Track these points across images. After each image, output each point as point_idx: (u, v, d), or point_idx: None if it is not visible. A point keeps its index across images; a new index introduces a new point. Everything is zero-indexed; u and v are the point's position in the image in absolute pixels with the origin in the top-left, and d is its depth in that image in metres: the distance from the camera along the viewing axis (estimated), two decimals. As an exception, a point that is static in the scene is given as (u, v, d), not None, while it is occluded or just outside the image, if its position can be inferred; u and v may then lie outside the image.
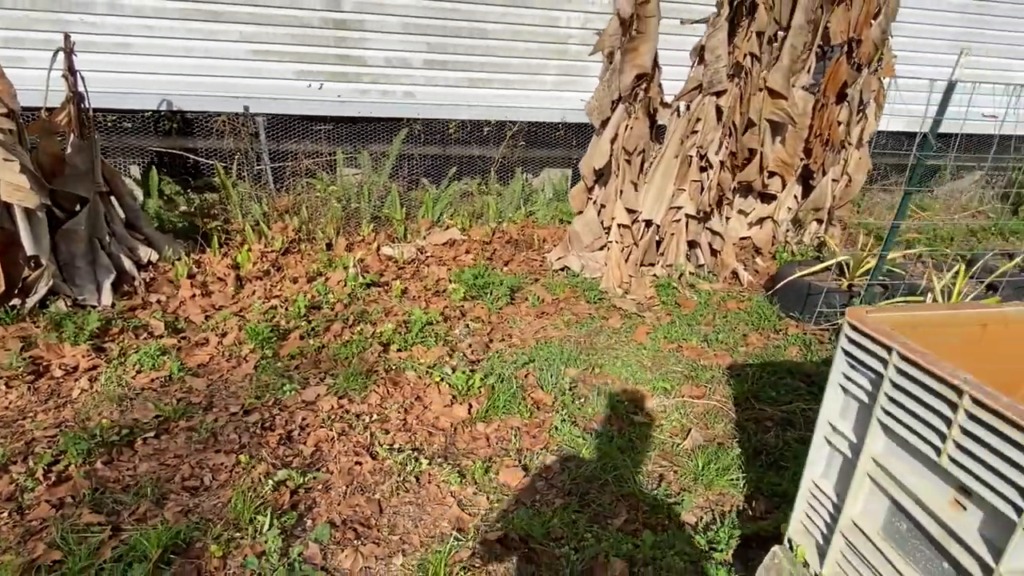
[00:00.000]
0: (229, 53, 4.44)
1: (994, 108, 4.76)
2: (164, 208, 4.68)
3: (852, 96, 4.80)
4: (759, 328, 3.87)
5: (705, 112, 4.26)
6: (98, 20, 4.15)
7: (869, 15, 4.54)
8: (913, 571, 1.37)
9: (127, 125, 4.54)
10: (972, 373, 1.33)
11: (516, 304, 4.00)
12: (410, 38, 4.79)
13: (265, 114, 4.70)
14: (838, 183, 5.06)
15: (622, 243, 4.43)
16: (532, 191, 5.74)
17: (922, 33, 5.90)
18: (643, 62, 4.09)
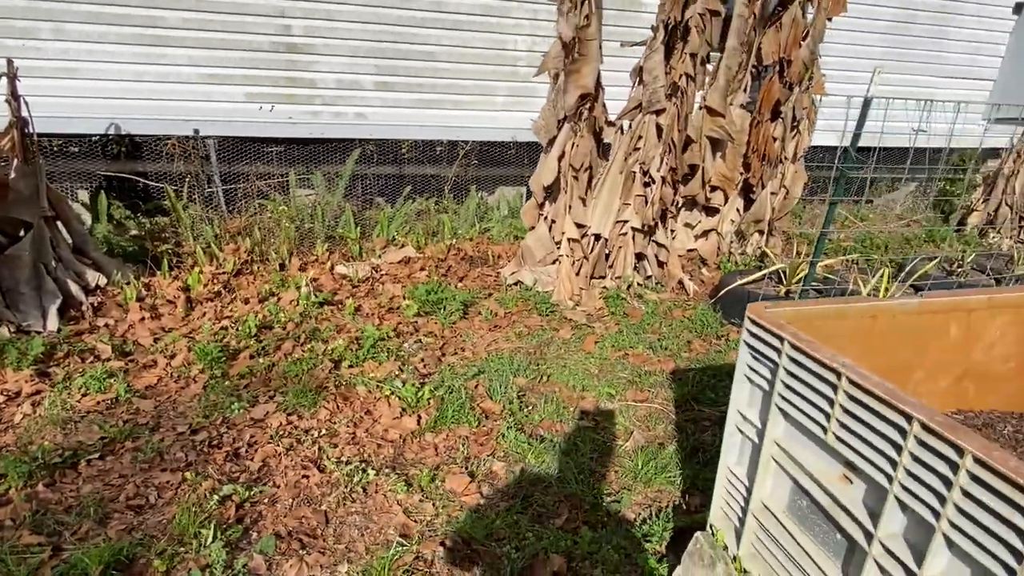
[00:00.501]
0: (178, 77, 4.47)
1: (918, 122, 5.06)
2: (113, 232, 4.65)
3: (786, 113, 5.06)
4: (702, 335, 4.02)
5: (646, 130, 4.44)
6: (42, 45, 4.15)
7: (798, 37, 4.81)
8: (813, 544, 1.48)
9: (74, 149, 4.51)
10: (864, 362, 1.47)
11: (469, 318, 4.08)
12: (361, 61, 4.88)
13: (216, 136, 4.72)
14: (777, 196, 5.31)
15: (572, 257, 4.56)
16: (488, 208, 5.85)
17: (848, 53, 6.25)
18: (586, 83, 4.26)
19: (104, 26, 4.21)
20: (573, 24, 4.15)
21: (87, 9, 4.15)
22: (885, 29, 6.37)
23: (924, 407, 1.18)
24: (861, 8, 5.94)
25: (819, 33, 4.90)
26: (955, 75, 6.99)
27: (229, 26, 4.45)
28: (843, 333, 1.66)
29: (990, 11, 6.78)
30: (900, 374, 1.81)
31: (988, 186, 6.63)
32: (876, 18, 6.26)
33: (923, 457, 1.17)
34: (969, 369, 1.89)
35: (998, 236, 6.48)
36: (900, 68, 6.56)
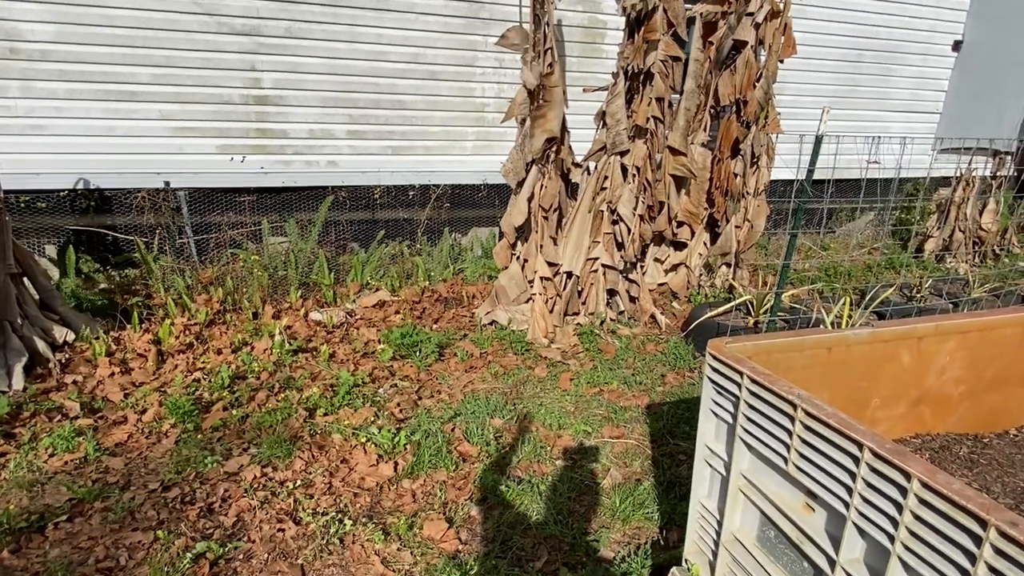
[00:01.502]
0: (149, 131, 4.51)
1: (868, 156, 5.32)
2: (82, 286, 4.60)
3: (745, 150, 5.26)
4: (675, 368, 4.08)
5: (612, 170, 4.58)
6: (11, 104, 4.17)
7: (752, 79, 5.05)
8: (782, 574, 1.51)
9: (42, 205, 4.49)
10: (824, 393, 1.53)
11: (445, 360, 4.09)
12: (331, 111, 4.98)
13: (187, 188, 4.74)
14: (741, 229, 5.47)
15: (546, 295, 4.63)
16: (461, 250, 5.93)
17: (801, 92, 6.55)
18: (552, 127, 4.40)
19: (73, 83, 4.25)
20: (537, 72, 4.30)
21: (56, 68, 4.19)
22: (834, 68, 6.70)
23: (874, 434, 1.24)
24: (811, 49, 6.26)
25: (772, 74, 5.15)
26: (902, 109, 7.34)
27: (199, 80, 4.53)
28: (801, 365, 1.73)
29: (932, 49, 7.19)
30: (858, 403, 1.89)
31: (941, 213, 6.91)
32: (825, 58, 6.59)
33: (875, 483, 1.23)
34: (924, 394, 1.96)
35: (954, 261, 6.73)
36: (850, 104, 6.88)
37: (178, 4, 4.33)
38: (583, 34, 5.61)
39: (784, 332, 1.78)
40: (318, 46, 4.77)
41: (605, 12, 5.61)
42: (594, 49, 5.69)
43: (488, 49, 5.26)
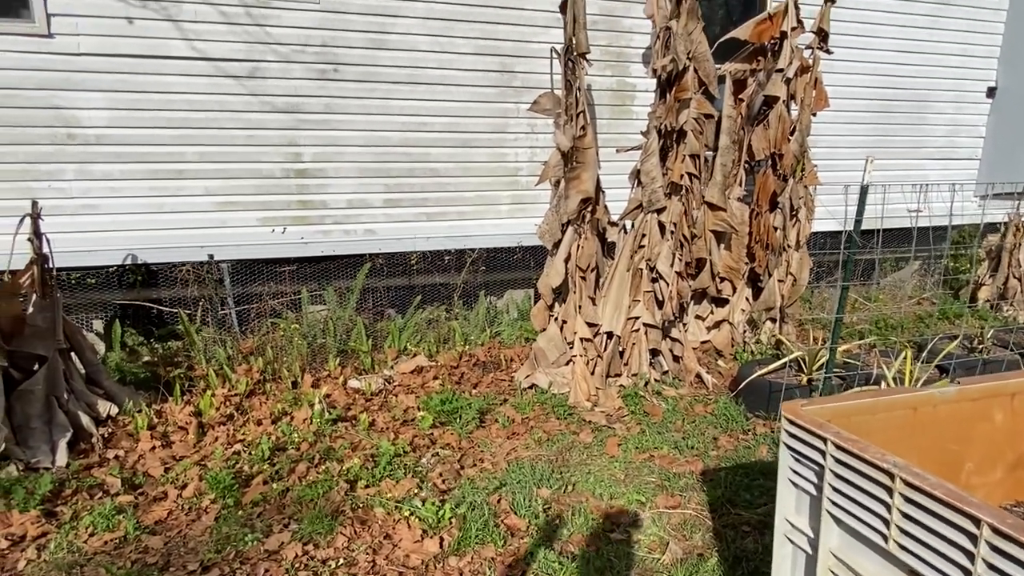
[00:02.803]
0: (194, 206, 4.65)
1: (916, 204, 5.21)
2: (126, 359, 4.65)
3: (783, 203, 5.18)
4: (728, 430, 3.89)
5: (649, 228, 4.54)
6: (66, 185, 4.35)
7: (786, 133, 5.02)
8: (889, 670, 1.34)
9: (91, 281, 4.61)
10: (912, 457, 1.39)
11: (486, 427, 3.97)
12: (368, 180, 5.09)
13: (230, 260, 4.84)
14: (784, 283, 5.33)
15: (586, 356, 4.52)
16: (497, 312, 5.88)
17: (837, 143, 6.51)
18: (586, 188, 4.40)
19: (125, 164, 4.44)
20: (570, 135, 4.35)
21: (110, 150, 4.39)
22: (868, 118, 6.67)
23: (992, 509, 1.11)
24: (843, 101, 6.24)
25: (806, 127, 5.12)
26: (939, 156, 7.22)
27: (243, 156, 4.69)
28: (884, 427, 1.60)
29: (965, 96, 7.12)
30: (950, 467, 1.72)
31: (993, 260, 6.66)
32: (858, 109, 6.57)
33: (999, 565, 1.08)
34: (1022, 457, 1.79)
35: (1012, 309, 6.43)
36: (886, 153, 6.80)
37: (225, 86, 4.54)
38: (612, 97, 5.71)
39: (863, 392, 1.66)
40: (355, 120, 4.92)
41: (633, 76, 5.71)
42: (624, 111, 5.77)
43: (520, 115, 5.36)
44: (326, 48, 4.72)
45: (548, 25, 5.14)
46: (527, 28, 5.23)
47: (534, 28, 5.23)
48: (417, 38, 4.95)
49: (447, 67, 5.10)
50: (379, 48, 4.86)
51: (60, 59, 4.19)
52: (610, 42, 5.52)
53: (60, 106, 4.24)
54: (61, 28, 4.14)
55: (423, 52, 4.99)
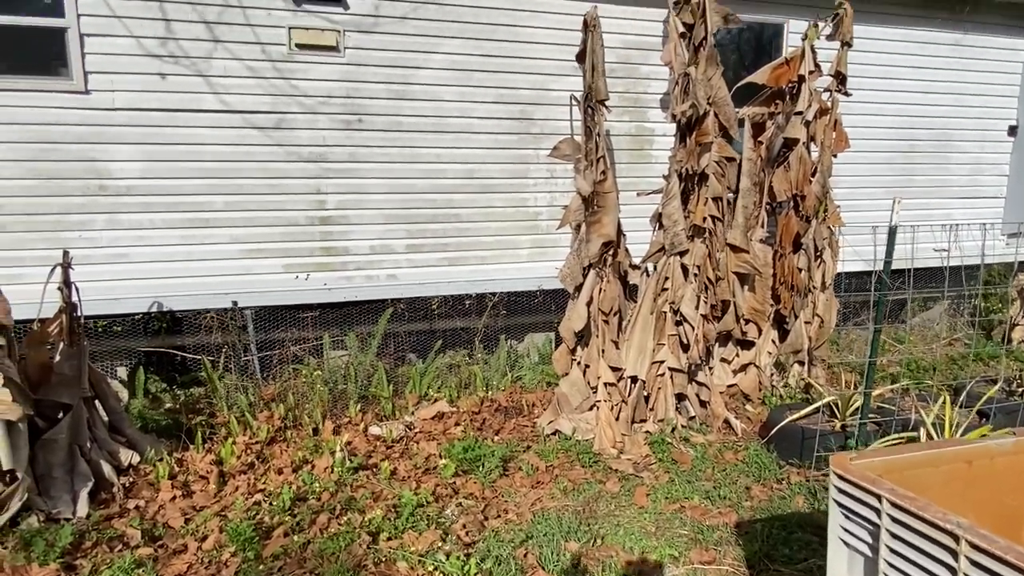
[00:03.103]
0: (220, 254, 4.72)
1: (944, 243, 5.14)
2: (148, 406, 4.65)
3: (807, 244, 5.13)
4: (760, 479, 3.76)
5: (672, 271, 4.50)
6: (96, 235, 4.44)
7: (807, 174, 5.01)
8: None
9: (117, 328, 4.66)
10: (968, 512, 1.31)
11: (510, 475, 3.88)
12: (391, 227, 5.14)
13: (253, 307, 4.87)
14: (811, 325, 5.23)
15: (610, 401, 4.43)
16: (518, 356, 5.83)
17: (858, 183, 6.47)
18: (607, 231, 4.40)
19: (154, 214, 4.53)
20: (591, 180, 4.37)
21: (140, 200, 4.49)
22: (889, 158, 6.64)
23: (1072, 576, 1.03)
24: (864, 142, 6.23)
25: (827, 169, 5.11)
26: (962, 195, 7.14)
27: (269, 204, 4.77)
28: (939, 482, 1.51)
29: (987, 136, 7.08)
30: (1010, 524, 1.62)
31: (1025, 299, 6.50)
32: (879, 149, 6.55)
33: (1086, 639, 0.99)
34: (1086, 512, 1.69)
35: (1049, 350, 6.24)
36: (908, 193, 6.74)
37: (252, 137, 4.65)
38: (631, 141, 5.76)
39: (916, 445, 1.59)
40: (379, 168, 5.01)
41: (651, 120, 5.77)
42: (642, 155, 5.81)
43: (540, 161, 5.42)
44: (351, 99, 4.84)
45: (565, 73, 5.23)
46: (545, 76, 5.33)
47: (552, 76, 5.33)
48: (439, 88, 5.06)
49: (468, 115, 5.19)
50: (402, 98, 4.97)
51: (96, 114, 4.33)
52: (627, 88, 5.60)
53: (94, 159, 4.37)
54: (98, 85, 4.30)
55: (445, 101, 5.10)
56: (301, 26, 4.63)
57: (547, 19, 5.24)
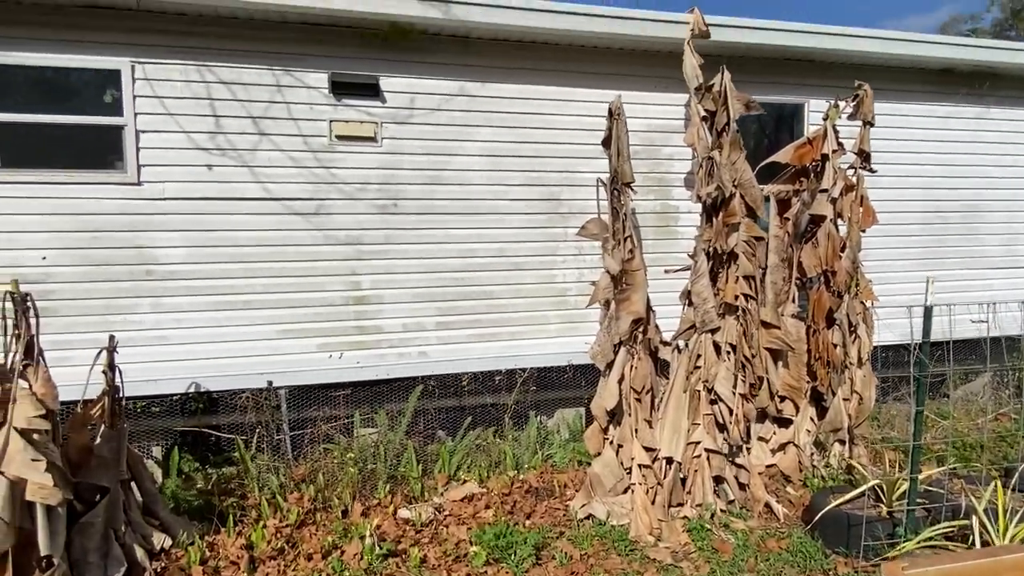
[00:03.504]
0: (257, 335, 4.84)
1: (982, 317, 5.06)
2: (181, 487, 4.67)
3: (840, 319, 5.07)
4: (806, 570, 3.59)
5: (704, 348, 4.48)
6: (140, 318, 4.61)
7: (836, 250, 5.01)
8: None
9: (155, 409, 4.75)
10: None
11: (543, 564, 3.77)
12: (423, 305, 5.24)
13: (287, 387, 4.94)
14: (849, 402, 5.10)
15: (645, 484, 4.33)
16: (548, 433, 5.76)
17: (888, 256, 6.43)
18: (637, 308, 4.43)
19: (196, 297, 4.70)
20: (619, 259, 4.45)
21: (183, 284, 4.67)
22: (919, 231, 6.62)
23: None
24: (893, 215, 6.24)
25: (856, 244, 5.11)
26: (996, 266, 7.03)
27: (306, 286, 4.92)
28: (1002, 595, 1.45)
29: (1018, 206, 7.03)
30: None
31: (1074, 372, 6.27)
32: (908, 222, 6.54)
33: None
34: None
35: (1104, 426, 5.94)
36: (939, 264, 6.67)
37: (292, 223, 4.86)
38: (656, 218, 5.85)
39: (971, 552, 1.53)
40: (412, 249, 5.15)
41: (676, 199, 5.88)
42: (668, 231, 5.89)
43: (568, 239, 5.53)
44: (387, 185, 5.05)
45: (591, 156, 5.40)
46: (572, 159, 5.51)
47: (579, 159, 5.50)
48: (471, 173, 5.26)
49: (498, 197, 5.36)
50: (436, 183, 5.18)
51: (146, 203, 4.58)
52: (651, 168, 5.74)
53: (141, 245, 4.59)
54: (149, 176, 4.57)
55: (476, 185, 5.29)
56: (341, 119, 4.91)
57: (574, 107, 5.46)
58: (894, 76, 6.29)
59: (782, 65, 5.97)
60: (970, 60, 6.28)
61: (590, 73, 5.49)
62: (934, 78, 6.49)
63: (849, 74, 5.82)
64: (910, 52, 6.01)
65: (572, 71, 5.46)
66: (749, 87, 5.00)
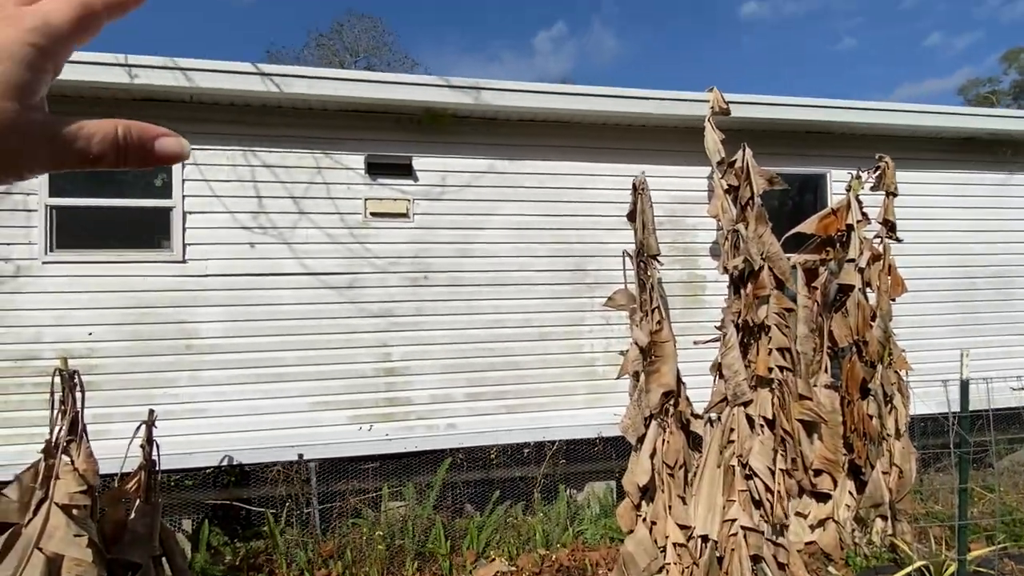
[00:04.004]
0: (290, 407, 4.91)
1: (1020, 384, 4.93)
2: (210, 562, 4.65)
3: (875, 390, 4.99)
4: (856, 661, 3.41)
5: (737, 422, 4.42)
6: (179, 391, 4.72)
7: (866, 319, 4.98)
8: None
9: (188, 483, 4.79)
10: None
11: (577, 650, 3.64)
12: (451, 376, 5.29)
13: (318, 459, 4.97)
14: (889, 475, 4.95)
15: (681, 564, 4.21)
16: (578, 508, 5.64)
17: (921, 323, 6.36)
18: (667, 381, 4.42)
19: (232, 370, 4.81)
20: (647, 330, 4.47)
21: (221, 358, 4.80)
22: (950, 297, 6.54)
23: None
24: (922, 282, 6.20)
25: (886, 313, 5.08)
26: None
27: (338, 358, 5.01)
28: None
29: (1048, 270, 6.96)
30: None
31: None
32: (940, 288, 6.48)
33: None
34: None
35: None
36: (972, 331, 6.56)
37: (326, 296, 5.00)
38: (684, 288, 5.90)
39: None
40: (441, 320, 5.25)
41: (702, 268, 5.94)
42: (696, 300, 5.92)
43: (595, 309, 5.58)
44: (418, 259, 5.21)
45: (617, 227, 5.51)
46: (598, 231, 5.63)
47: (604, 231, 5.62)
48: (498, 246, 5.40)
49: (525, 268, 5.48)
50: (464, 256, 5.32)
51: (190, 280, 4.77)
52: (676, 239, 5.84)
53: (183, 320, 4.75)
54: (194, 254, 4.78)
55: (504, 257, 5.42)
56: (376, 197, 5.12)
57: (599, 181, 5.63)
58: (915, 145, 6.39)
59: (803, 137, 6.12)
60: (989, 129, 6.37)
61: (614, 149, 5.70)
62: (955, 146, 6.57)
63: (870, 144, 5.94)
64: (928, 123, 6.13)
65: (596, 147, 5.66)
66: (771, 159, 5.12)
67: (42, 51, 0.35)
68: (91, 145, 0.38)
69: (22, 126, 0.35)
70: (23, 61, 0.34)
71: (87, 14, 0.37)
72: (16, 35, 0.34)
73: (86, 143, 0.37)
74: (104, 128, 0.38)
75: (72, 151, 0.37)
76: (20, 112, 0.34)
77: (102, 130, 0.38)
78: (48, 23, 0.36)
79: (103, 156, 0.38)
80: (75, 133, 0.37)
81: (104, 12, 0.38)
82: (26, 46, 0.35)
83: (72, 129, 0.37)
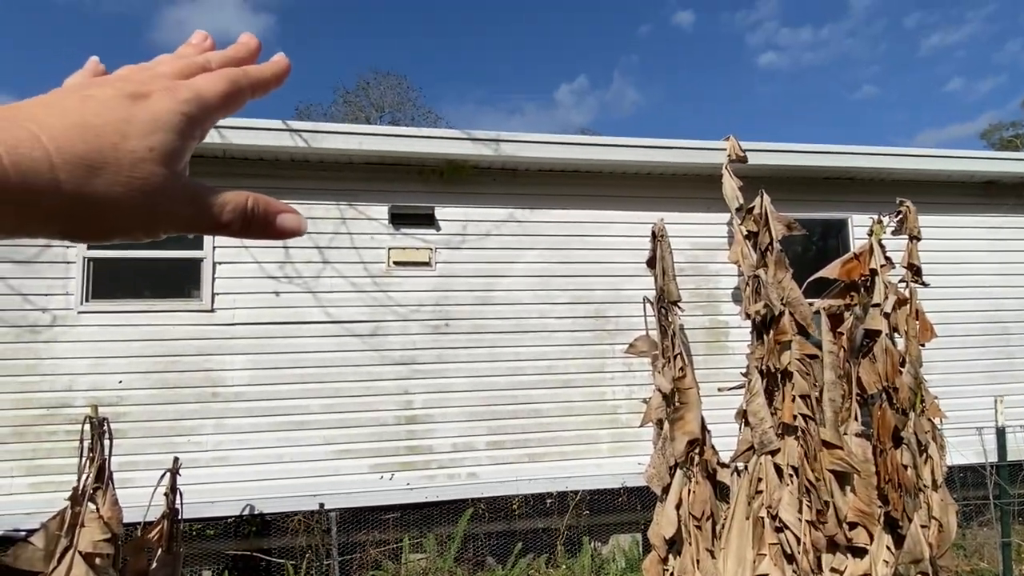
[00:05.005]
0: (312, 455, 4.92)
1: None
2: (228, 616, 4.59)
3: (908, 439, 4.83)
4: None
5: (765, 471, 4.31)
6: (203, 439, 4.76)
7: (896, 365, 4.87)
8: None
9: (210, 532, 4.78)
10: None
11: None
12: (473, 424, 5.26)
13: (339, 509, 4.93)
14: (928, 529, 4.74)
15: (711, 621, 4.04)
16: (603, 562, 5.48)
17: (953, 368, 6.18)
18: (692, 428, 4.35)
19: (256, 418, 4.86)
20: (670, 377, 4.43)
21: (245, 406, 4.85)
22: (981, 342, 6.38)
23: None
24: (952, 327, 6.06)
25: (916, 359, 4.96)
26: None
27: (360, 406, 5.04)
28: None
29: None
30: None
31: None
32: (971, 333, 6.33)
33: None
34: None
35: None
36: (1007, 377, 6.36)
37: (350, 344, 5.07)
38: (706, 334, 5.85)
39: None
40: (463, 367, 5.27)
41: (724, 313, 5.90)
42: (719, 346, 5.86)
43: (616, 355, 5.55)
44: (439, 307, 5.27)
45: (637, 274, 5.53)
46: (618, 277, 5.66)
47: (624, 277, 5.64)
48: (519, 293, 5.45)
49: (546, 316, 5.50)
50: (486, 303, 5.37)
51: (217, 328, 4.88)
52: (698, 285, 5.83)
53: (209, 368, 4.84)
54: (222, 304, 4.90)
55: (524, 304, 5.46)
56: (398, 246, 5.23)
57: (618, 228, 5.69)
58: (938, 189, 6.37)
59: (822, 183, 6.14)
60: (1012, 172, 6.33)
61: (633, 197, 5.77)
62: (979, 190, 6.53)
63: (891, 189, 5.93)
64: (949, 168, 6.12)
65: (615, 196, 5.75)
66: (790, 204, 5.13)
67: (192, 121, 0.38)
68: (224, 213, 0.39)
69: (169, 190, 0.37)
70: (175, 130, 0.37)
71: (235, 91, 0.41)
72: (172, 106, 0.37)
73: (220, 210, 0.39)
74: (237, 199, 0.40)
75: (207, 216, 0.39)
76: (168, 177, 0.37)
77: (235, 200, 0.40)
78: (200, 96, 0.39)
79: (231, 224, 0.40)
80: (212, 200, 0.39)
81: (249, 90, 0.42)
82: (179, 115, 0.37)
83: (210, 196, 0.39)
